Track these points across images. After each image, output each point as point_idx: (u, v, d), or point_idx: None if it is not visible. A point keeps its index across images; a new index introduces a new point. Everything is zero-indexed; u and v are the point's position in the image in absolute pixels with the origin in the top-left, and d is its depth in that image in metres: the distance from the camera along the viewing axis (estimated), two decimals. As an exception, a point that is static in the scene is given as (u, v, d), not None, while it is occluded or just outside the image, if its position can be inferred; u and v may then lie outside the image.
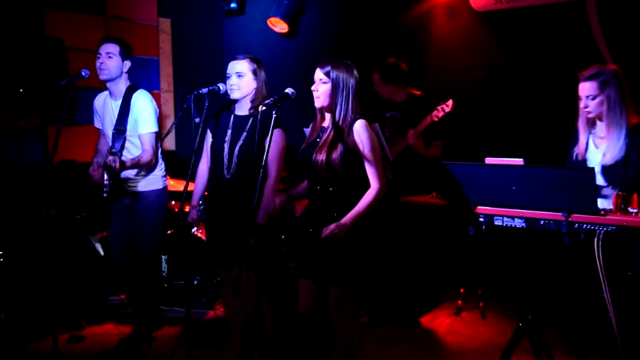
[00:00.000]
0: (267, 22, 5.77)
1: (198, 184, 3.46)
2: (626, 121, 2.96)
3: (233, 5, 6.04)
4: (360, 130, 2.81)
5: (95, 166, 3.61)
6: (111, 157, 3.37)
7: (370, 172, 2.82)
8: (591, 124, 3.12)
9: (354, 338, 2.95)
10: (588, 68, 3.04)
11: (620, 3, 4.29)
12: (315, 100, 2.88)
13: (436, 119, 4.13)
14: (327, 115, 2.92)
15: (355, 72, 2.88)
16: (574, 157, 3.15)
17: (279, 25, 5.77)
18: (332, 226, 2.74)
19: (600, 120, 3.06)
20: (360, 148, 2.80)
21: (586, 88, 3.01)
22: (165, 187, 3.84)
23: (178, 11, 5.99)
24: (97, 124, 3.82)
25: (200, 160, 3.45)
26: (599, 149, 3.08)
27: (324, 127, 2.93)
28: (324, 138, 2.85)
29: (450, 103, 4.09)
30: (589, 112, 3.03)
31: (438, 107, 4.12)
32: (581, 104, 3.04)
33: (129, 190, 3.70)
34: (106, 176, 3.52)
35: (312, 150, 2.88)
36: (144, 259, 3.74)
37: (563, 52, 4.46)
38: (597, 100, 2.99)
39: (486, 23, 4.84)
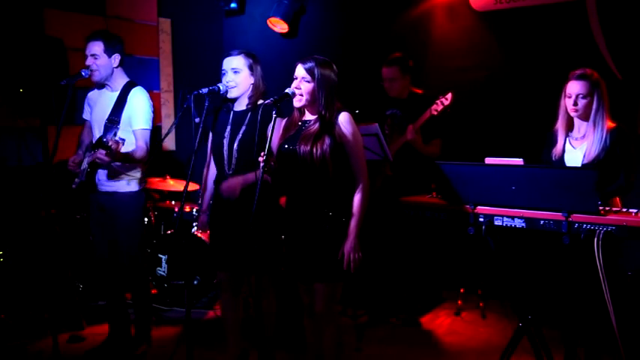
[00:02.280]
0: (267, 22, 5.77)
1: (208, 189, 3.40)
2: (605, 124, 3.06)
3: (233, 5, 6.05)
4: (344, 121, 2.80)
5: (76, 158, 3.57)
6: (110, 140, 3.27)
7: (354, 165, 2.81)
8: (569, 126, 3.18)
9: (342, 338, 2.94)
10: (579, 69, 3.11)
11: (620, 3, 4.29)
12: (297, 99, 2.83)
13: (435, 113, 4.12)
14: (307, 111, 2.91)
15: (335, 68, 2.87)
16: (553, 159, 3.19)
17: (279, 25, 5.78)
18: (347, 256, 2.75)
19: (583, 120, 3.12)
20: (345, 140, 2.79)
21: (578, 87, 3.07)
22: (142, 190, 3.71)
23: (178, 11, 5.99)
24: (86, 115, 3.76)
25: (207, 165, 3.39)
26: (577, 149, 3.15)
27: (304, 121, 2.91)
28: (309, 130, 2.82)
29: (449, 96, 4.08)
30: (576, 111, 3.09)
31: (437, 101, 4.11)
32: (569, 102, 3.10)
33: (103, 190, 3.62)
34: (84, 165, 3.48)
35: (294, 143, 2.83)
36: (125, 262, 3.65)
37: (563, 52, 4.46)
38: (587, 99, 3.06)
39: (486, 23, 4.84)
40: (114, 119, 3.53)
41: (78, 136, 3.81)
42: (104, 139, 3.41)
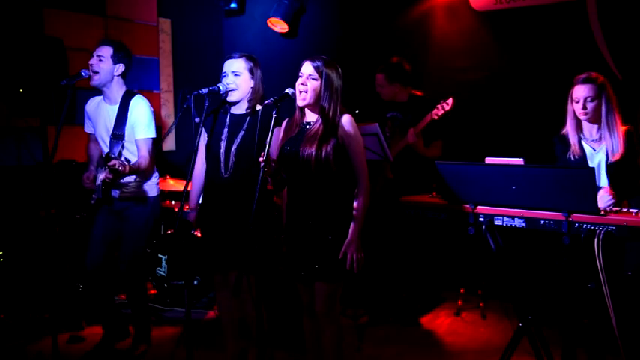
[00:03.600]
0: (267, 22, 5.77)
1: (196, 186, 3.40)
2: (619, 124, 3.08)
3: (233, 5, 6.06)
4: (347, 124, 2.80)
5: (90, 174, 3.60)
6: (117, 162, 3.21)
7: (356, 167, 2.82)
8: (579, 129, 3.18)
9: (343, 338, 2.94)
10: (584, 72, 3.12)
11: (620, 3, 4.29)
12: (301, 96, 2.82)
13: (436, 117, 4.13)
14: (309, 112, 2.90)
15: (340, 71, 2.87)
16: (572, 159, 3.18)
17: (279, 25, 5.78)
18: (349, 256, 2.75)
19: (593, 123, 3.13)
20: (347, 142, 2.79)
21: (585, 90, 3.06)
22: (158, 195, 3.74)
23: (178, 11, 5.99)
24: (88, 129, 3.76)
25: (196, 161, 3.37)
26: (597, 151, 3.14)
27: (305, 123, 2.90)
28: (312, 132, 2.81)
29: (450, 101, 4.09)
30: (586, 114, 3.08)
31: (438, 105, 4.12)
32: (577, 106, 3.10)
33: (122, 197, 3.62)
34: (98, 182, 3.49)
35: (297, 145, 2.83)
36: (123, 267, 3.63)
37: (563, 53, 4.46)
38: (595, 102, 3.07)
39: (486, 23, 4.84)
40: (118, 134, 3.54)
41: (85, 149, 3.84)
42: (112, 155, 3.43)
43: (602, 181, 3.09)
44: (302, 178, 2.83)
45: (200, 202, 3.41)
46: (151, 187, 3.70)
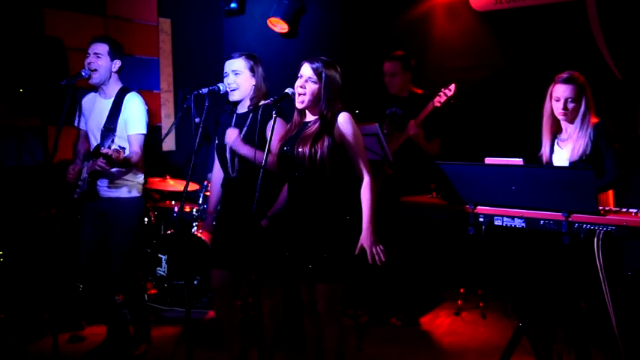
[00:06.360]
0: (267, 22, 5.77)
1: (215, 191, 3.42)
2: (591, 123, 3.07)
3: (233, 5, 6.05)
4: (344, 122, 2.80)
5: (73, 167, 3.57)
6: (110, 150, 3.22)
7: (357, 163, 2.81)
8: (557, 128, 3.20)
9: (344, 338, 2.93)
10: (565, 72, 3.11)
11: (620, 3, 4.29)
12: (299, 98, 2.82)
13: (438, 105, 4.08)
14: (308, 113, 2.91)
15: (339, 70, 2.87)
16: (543, 161, 3.21)
17: (279, 25, 5.78)
18: (369, 250, 2.74)
19: (570, 122, 3.12)
20: (346, 140, 2.79)
21: (568, 90, 3.07)
22: (142, 196, 3.70)
23: (178, 11, 5.99)
24: (80, 124, 3.75)
25: (213, 168, 3.42)
26: (563, 149, 3.16)
27: (305, 122, 2.90)
28: (308, 131, 2.82)
29: (452, 87, 4.03)
30: (565, 114, 3.08)
31: (440, 93, 4.08)
32: (557, 106, 3.10)
33: (105, 196, 3.59)
34: (84, 175, 3.50)
35: (294, 144, 2.83)
36: (113, 267, 3.59)
37: (563, 52, 4.46)
38: (575, 103, 3.06)
39: (486, 23, 4.84)
40: (110, 127, 3.53)
41: (72, 145, 3.80)
42: (102, 148, 3.38)
43: None
44: (299, 178, 2.83)
45: (219, 207, 3.42)
46: (136, 187, 3.65)
